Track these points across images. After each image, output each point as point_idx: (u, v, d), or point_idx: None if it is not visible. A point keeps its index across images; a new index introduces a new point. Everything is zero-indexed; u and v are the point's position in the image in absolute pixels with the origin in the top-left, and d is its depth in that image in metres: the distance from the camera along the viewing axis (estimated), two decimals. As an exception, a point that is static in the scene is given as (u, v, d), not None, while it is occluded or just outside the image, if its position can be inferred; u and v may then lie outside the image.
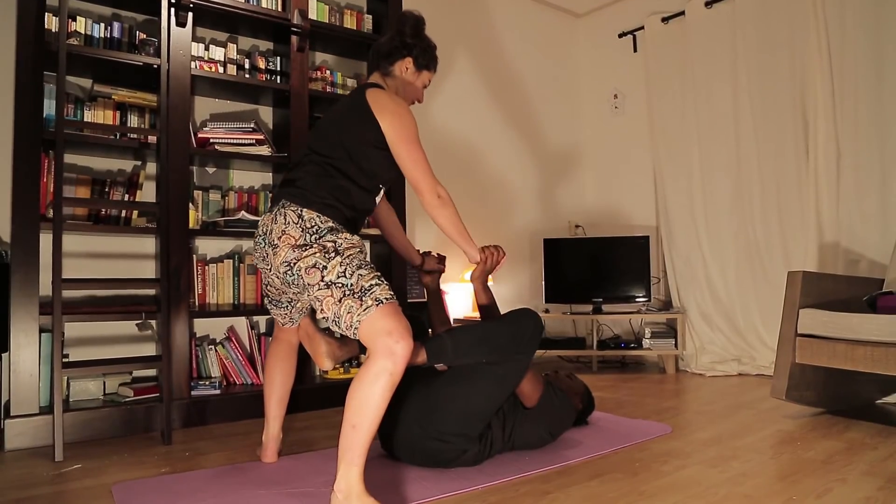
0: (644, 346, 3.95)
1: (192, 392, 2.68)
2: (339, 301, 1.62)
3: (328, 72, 3.26)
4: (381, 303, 1.60)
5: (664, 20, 4.33)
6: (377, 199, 1.97)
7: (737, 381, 3.50)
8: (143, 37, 2.71)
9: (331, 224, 1.74)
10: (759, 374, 3.66)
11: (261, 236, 1.81)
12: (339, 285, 1.62)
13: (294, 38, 3.00)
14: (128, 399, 2.55)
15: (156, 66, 2.59)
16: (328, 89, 3.24)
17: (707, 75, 4.06)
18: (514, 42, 4.61)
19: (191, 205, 2.73)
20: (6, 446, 2.24)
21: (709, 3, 4.04)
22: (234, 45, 2.98)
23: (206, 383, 2.72)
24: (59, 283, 2.21)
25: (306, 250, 1.68)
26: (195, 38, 2.94)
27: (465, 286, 4.10)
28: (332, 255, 1.67)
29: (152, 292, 2.83)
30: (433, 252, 2.40)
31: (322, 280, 1.64)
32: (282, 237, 1.72)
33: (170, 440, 2.34)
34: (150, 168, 2.88)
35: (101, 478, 1.94)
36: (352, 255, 1.69)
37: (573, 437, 2.32)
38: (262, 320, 3.13)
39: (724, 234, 3.98)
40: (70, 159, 2.70)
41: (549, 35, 4.87)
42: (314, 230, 1.71)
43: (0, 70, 2.56)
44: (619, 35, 4.73)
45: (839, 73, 3.42)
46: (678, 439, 2.29)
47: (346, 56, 3.50)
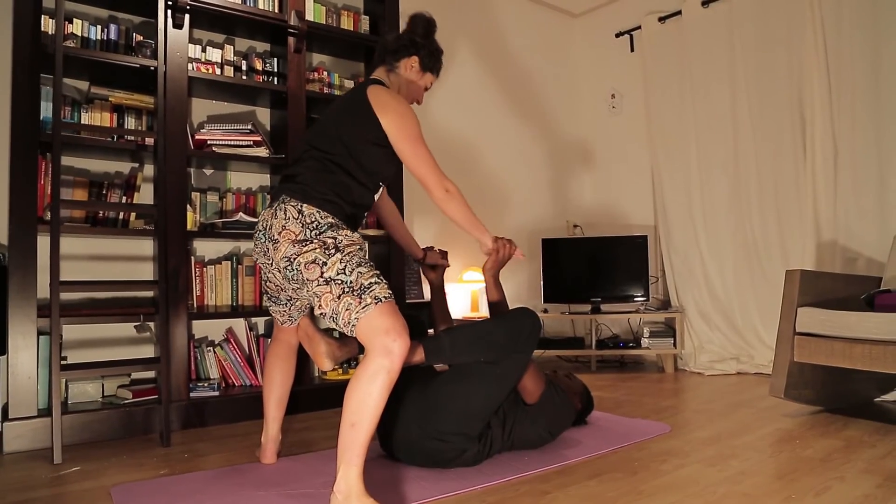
0: (643, 346, 3.95)
1: (191, 394, 2.68)
2: (338, 298, 1.62)
3: (325, 73, 3.25)
4: (380, 301, 1.61)
5: (661, 20, 4.33)
6: (377, 195, 1.98)
7: (735, 380, 3.50)
8: (140, 39, 2.71)
9: (331, 220, 1.75)
10: (757, 372, 3.66)
11: (261, 231, 1.82)
12: (339, 282, 1.63)
13: (291, 40, 3.00)
14: (126, 401, 2.54)
15: (153, 68, 2.59)
16: (325, 90, 3.24)
17: (704, 74, 4.07)
18: (512, 42, 4.61)
19: (189, 206, 2.73)
20: (4, 449, 2.24)
21: (705, 3, 4.04)
22: (231, 47, 2.98)
23: (205, 385, 2.72)
24: (57, 285, 2.21)
25: (306, 245, 1.68)
26: (192, 40, 2.93)
27: (464, 286, 4.10)
28: (333, 251, 1.67)
29: (150, 294, 2.82)
30: (435, 247, 2.40)
31: (321, 276, 1.65)
32: (282, 232, 1.72)
33: (168, 442, 2.34)
34: (148, 170, 2.87)
35: (99, 480, 1.94)
36: (352, 252, 1.69)
37: (572, 437, 2.32)
38: (260, 322, 3.13)
39: (722, 233, 3.98)
40: (67, 161, 2.70)
41: (547, 35, 4.87)
42: (314, 225, 1.72)
43: (-3, 72, 2.56)
44: (616, 35, 4.73)
45: (836, 72, 3.43)
46: (677, 438, 2.30)
47: (343, 57, 3.50)
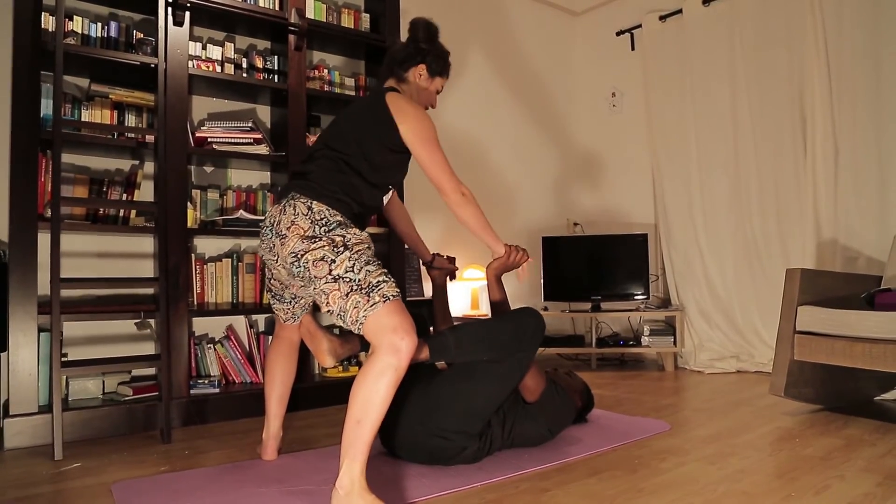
0: (643, 344, 3.95)
1: (192, 391, 2.68)
2: (346, 296, 1.63)
3: (326, 71, 3.25)
4: (388, 299, 1.62)
5: (662, 18, 4.33)
6: (385, 198, 1.99)
7: (735, 379, 3.51)
8: (141, 36, 2.71)
9: (339, 218, 1.76)
10: (757, 371, 3.66)
11: (268, 227, 1.83)
12: (347, 280, 1.64)
13: (291, 37, 3.00)
14: (127, 398, 2.54)
15: (153, 66, 2.59)
16: (326, 88, 3.23)
17: (705, 73, 4.07)
18: (512, 40, 4.61)
19: (189, 204, 2.73)
20: (5, 445, 2.24)
21: (706, 2, 4.04)
22: (232, 45, 2.97)
23: (205, 382, 2.72)
24: (58, 282, 2.21)
25: (315, 242, 1.69)
26: (192, 38, 2.93)
27: (464, 284, 4.10)
28: (341, 249, 1.68)
29: (151, 291, 2.83)
30: (444, 255, 2.44)
31: (330, 274, 1.65)
32: (291, 227, 1.73)
33: (169, 439, 2.34)
34: (148, 167, 2.87)
35: (100, 476, 1.94)
36: (360, 250, 1.70)
37: (572, 435, 2.32)
38: (260, 319, 3.13)
39: (723, 232, 3.98)
40: (68, 159, 2.70)
41: (547, 33, 4.87)
42: (323, 222, 1.73)
43: (-3, 69, 2.56)
44: (617, 33, 4.73)
45: (837, 71, 3.42)
46: (677, 436, 2.30)
47: (344, 55, 3.50)
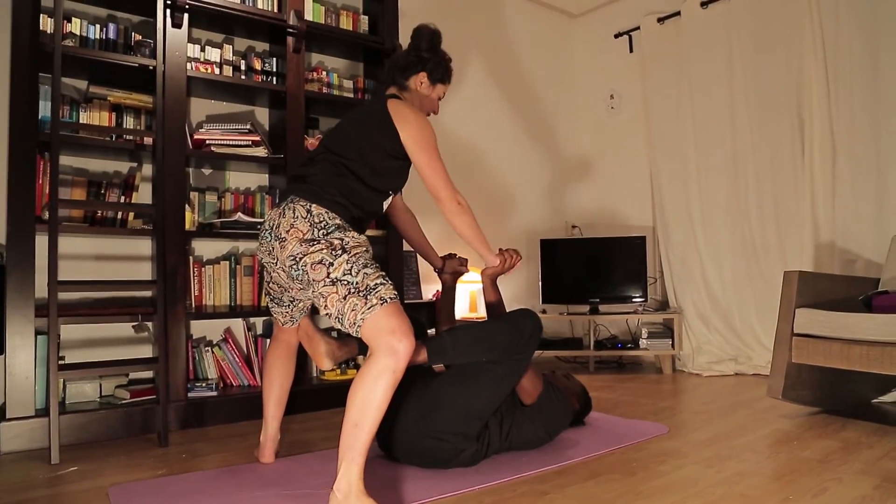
0: (641, 347, 3.95)
1: (189, 394, 2.67)
2: (344, 298, 1.63)
3: (324, 73, 3.25)
4: (386, 302, 1.62)
5: (660, 20, 4.33)
6: (385, 204, 1.99)
7: (733, 381, 3.51)
8: (139, 38, 2.70)
9: (338, 222, 1.76)
10: (755, 373, 3.66)
11: (268, 230, 1.83)
12: (345, 283, 1.64)
13: (290, 40, 3.00)
14: (124, 401, 2.54)
15: (151, 68, 2.58)
16: (324, 90, 3.23)
17: (703, 75, 4.07)
18: (510, 43, 4.61)
19: (187, 206, 2.72)
20: (2, 449, 2.24)
21: (704, 4, 4.05)
22: (230, 47, 2.97)
23: (203, 385, 2.71)
24: (55, 285, 2.20)
25: (313, 245, 1.69)
26: (191, 40, 2.93)
27: (463, 286, 4.10)
28: (340, 252, 1.68)
29: (149, 294, 2.82)
30: (457, 255, 2.39)
31: (328, 277, 1.65)
32: (290, 231, 1.73)
33: (166, 442, 2.33)
34: (147, 170, 2.87)
35: (97, 480, 1.93)
36: (358, 253, 1.70)
37: (570, 438, 2.32)
38: (258, 322, 3.12)
39: (721, 234, 3.98)
40: (66, 161, 2.69)
41: (545, 35, 4.88)
42: (322, 226, 1.73)
43: (-5, 71, 2.56)
44: (615, 35, 4.73)
45: (834, 73, 3.43)
46: (675, 439, 2.30)
47: (343, 57, 3.50)
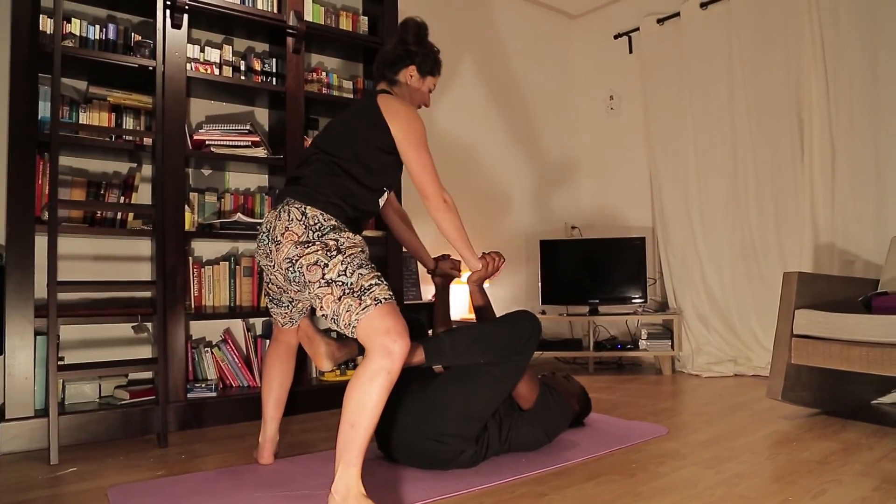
0: (640, 348, 3.95)
1: (189, 394, 2.67)
2: (339, 299, 1.63)
3: (324, 73, 3.25)
4: (380, 302, 1.62)
5: (659, 21, 4.34)
6: (381, 202, 1.99)
7: (733, 382, 3.51)
8: (139, 38, 2.70)
9: (334, 223, 1.76)
10: (755, 374, 3.66)
11: (264, 233, 1.83)
12: (340, 283, 1.64)
13: (290, 40, 3.00)
14: (123, 402, 2.54)
15: (151, 68, 2.58)
16: (324, 91, 3.23)
17: (702, 76, 4.07)
18: (510, 44, 4.61)
19: (187, 207, 2.72)
20: (1, 450, 2.23)
21: (704, 4, 4.05)
22: (230, 47, 2.97)
23: (203, 386, 2.71)
24: (55, 285, 2.20)
25: (308, 247, 1.69)
26: (191, 40, 2.93)
27: (462, 287, 4.10)
28: (334, 253, 1.68)
29: (148, 294, 2.82)
30: (450, 255, 2.37)
31: (323, 278, 1.65)
32: (285, 233, 1.74)
33: (166, 443, 2.33)
34: (146, 170, 2.87)
35: (96, 481, 1.93)
36: (353, 254, 1.70)
37: (570, 439, 2.32)
38: (258, 322, 3.12)
39: (720, 235, 3.99)
40: (65, 161, 2.69)
41: (545, 36, 4.88)
42: (317, 227, 1.73)
43: (-5, 72, 2.56)
44: (615, 36, 4.74)
45: (834, 74, 3.43)
46: (674, 440, 2.30)
47: (342, 58, 3.50)
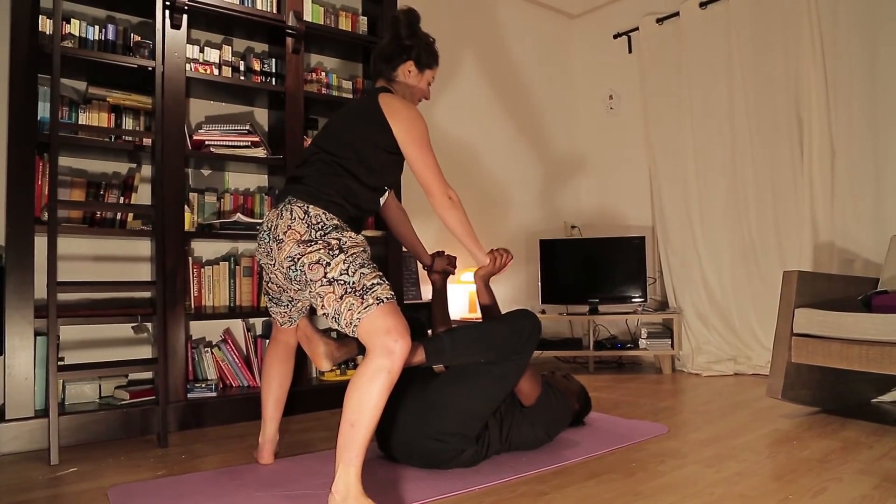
0: (640, 347, 3.95)
1: (189, 395, 2.67)
2: (341, 298, 1.63)
3: (323, 73, 3.25)
4: (382, 302, 1.62)
5: (659, 21, 4.34)
6: (382, 200, 1.99)
7: (733, 381, 3.51)
8: (138, 39, 2.70)
9: (336, 222, 1.76)
10: (754, 373, 3.67)
11: (266, 232, 1.83)
12: (342, 282, 1.64)
13: (289, 40, 3.00)
14: (124, 402, 2.54)
15: (150, 69, 2.58)
16: (323, 91, 3.23)
17: (702, 76, 4.08)
18: (509, 43, 4.61)
19: (186, 207, 2.72)
20: (1, 450, 2.23)
21: (703, 4, 4.05)
22: (230, 47, 2.97)
23: (203, 386, 2.71)
24: (54, 286, 2.20)
25: (311, 246, 1.69)
26: (190, 41, 2.93)
27: (462, 287, 4.10)
28: (336, 252, 1.68)
29: (148, 295, 2.82)
30: (445, 252, 2.38)
31: (325, 276, 1.65)
32: (287, 232, 1.73)
33: (166, 443, 2.33)
34: (146, 170, 2.87)
35: (97, 481, 1.93)
36: (355, 253, 1.70)
37: (570, 438, 2.32)
38: (258, 322, 3.12)
39: (720, 234, 3.99)
40: (65, 162, 2.69)
41: (544, 36, 4.88)
42: (320, 226, 1.73)
43: (-6, 73, 2.56)
44: (614, 36, 4.74)
45: (833, 73, 3.44)
46: (675, 439, 2.30)
47: (342, 58, 3.50)
